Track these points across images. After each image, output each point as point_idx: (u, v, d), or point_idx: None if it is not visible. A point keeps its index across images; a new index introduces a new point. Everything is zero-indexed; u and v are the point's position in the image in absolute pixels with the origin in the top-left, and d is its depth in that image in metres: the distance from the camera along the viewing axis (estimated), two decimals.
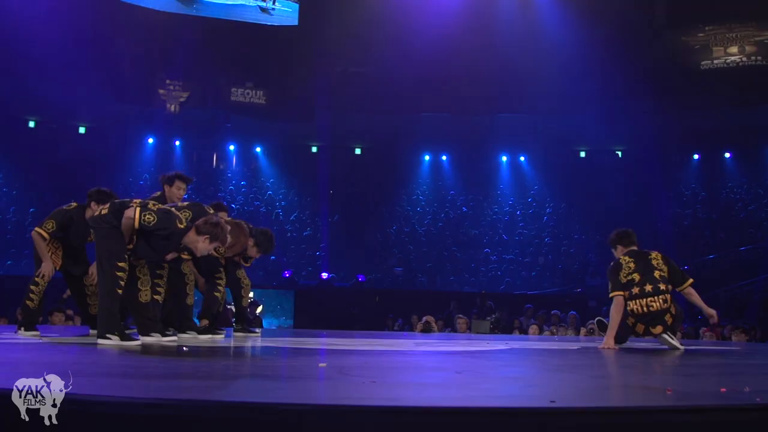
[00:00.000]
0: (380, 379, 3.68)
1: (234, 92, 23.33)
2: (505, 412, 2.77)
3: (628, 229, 7.80)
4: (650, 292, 7.00)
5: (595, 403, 3.11)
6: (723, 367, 5.38)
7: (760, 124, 22.57)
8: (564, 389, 3.59)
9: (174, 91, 22.48)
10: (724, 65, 22.17)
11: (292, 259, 22.12)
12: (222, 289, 7.98)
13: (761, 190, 23.63)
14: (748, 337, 11.35)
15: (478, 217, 24.29)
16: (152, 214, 5.96)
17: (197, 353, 5.52)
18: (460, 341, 8.63)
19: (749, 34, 22.01)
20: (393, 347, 6.90)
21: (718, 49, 22.24)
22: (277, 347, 6.76)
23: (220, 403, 2.79)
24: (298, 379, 3.91)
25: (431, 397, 3.20)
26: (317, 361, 5.18)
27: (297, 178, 25.33)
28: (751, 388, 3.40)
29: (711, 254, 21.02)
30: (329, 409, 2.74)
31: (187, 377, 3.70)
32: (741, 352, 7.61)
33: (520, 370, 4.96)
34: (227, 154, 25.74)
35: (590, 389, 3.65)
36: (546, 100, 22.24)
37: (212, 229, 6.07)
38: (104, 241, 6.00)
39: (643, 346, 7.62)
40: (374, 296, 19.49)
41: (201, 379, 3.66)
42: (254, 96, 23.44)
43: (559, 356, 6.22)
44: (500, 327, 14.12)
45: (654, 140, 23.44)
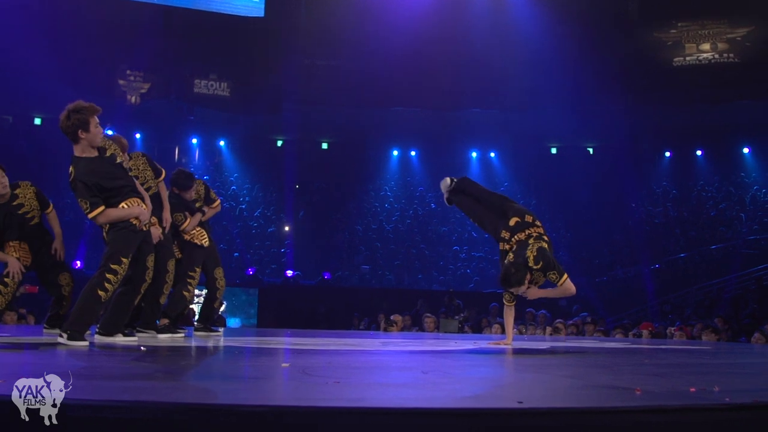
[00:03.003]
0: (344, 380, 3.66)
1: (197, 84, 23.15)
2: (472, 413, 2.77)
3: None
4: None
5: (564, 403, 3.11)
6: (692, 367, 5.43)
7: (732, 121, 22.89)
8: (532, 390, 3.60)
9: (135, 82, 22.26)
10: (696, 62, 22.41)
11: (256, 256, 22.03)
12: (192, 289, 7.93)
13: (732, 188, 23.94)
14: (718, 336, 11.49)
15: (447, 214, 24.34)
16: (81, 203, 5.93)
17: (155, 353, 5.46)
18: (427, 340, 8.65)
19: (721, 31, 22.27)
20: (358, 347, 6.88)
21: (691, 46, 22.48)
22: (240, 347, 6.71)
23: (177, 406, 2.75)
24: (259, 379, 3.87)
25: (396, 398, 3.19)
26: (280, 361, 5.15)
27: (262, 172, 25.23)
28: (721, 388, 3.43)
29: (682, 253, 21.28)
30: (291, 410, 2.72)
31: (143, 378, 3.65)
32: (711, 351, 7.69)
33: (487, 371, 4.97)
34: (190, 148, 25.55)
35: (559, 389, 3.66)
36: (517, 96, 22.34)
37: (70, 118, 5.92)
38: (110, 240, 6.04)
39: (612, 346, 7.67)
40: (340, 294, 19.48)
41: (158, 380, 3.61)
42: (218, 88, 23.29)
43: (528, 356, 6.24)
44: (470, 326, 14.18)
45: (626, 137, 23.65)
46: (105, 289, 5.81)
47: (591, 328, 13.23)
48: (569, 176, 24.17)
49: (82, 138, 5.91)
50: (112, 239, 6.00)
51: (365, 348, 6.83)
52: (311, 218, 23.79)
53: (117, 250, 5.94)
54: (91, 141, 5.96)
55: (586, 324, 13.53)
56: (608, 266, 21.64)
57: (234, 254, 21.51)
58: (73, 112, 5.86)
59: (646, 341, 10.77)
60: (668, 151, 25.19)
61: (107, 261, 5.89)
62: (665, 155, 25.27)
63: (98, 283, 5.81)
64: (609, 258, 22.03)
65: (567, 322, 13.58)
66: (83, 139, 5.91)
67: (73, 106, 5.89)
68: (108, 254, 5.94)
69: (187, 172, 8.23)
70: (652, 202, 24.37)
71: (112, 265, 5.84)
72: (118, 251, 5.93)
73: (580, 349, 7.55)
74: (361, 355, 6.08)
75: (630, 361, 5.91)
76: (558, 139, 25.32)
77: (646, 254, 20.88)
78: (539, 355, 6.45)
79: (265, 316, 18.83)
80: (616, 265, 21.52)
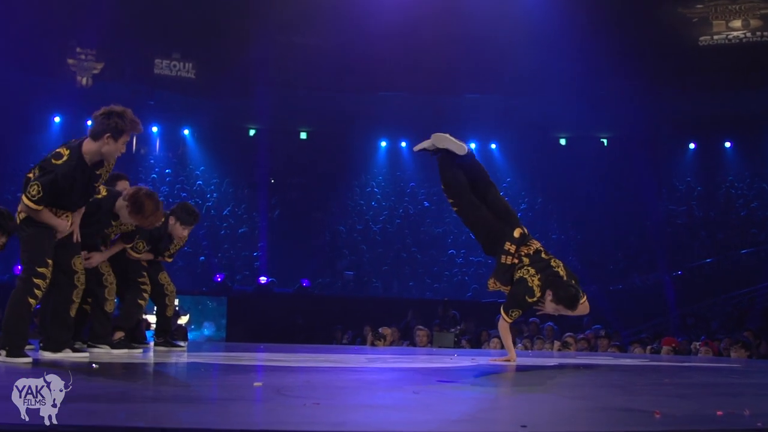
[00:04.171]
0: (325, 401, 3.66)
1: (158, 64, 23.10)
2: None
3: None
4: None
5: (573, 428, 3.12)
6: (719, 387, 5.45)
7: (766, 109, 22.89)
8: (537, 412, 3.61)
9: (86, 61, 22.17)
10: (725, 41, 22.45)
11: (225, 261, 21.99)
12: (147, 296, 7.92)
13: (766, 185, 23.98)
14: (748, 353, 11.52)
15: (441, 213, 24.33)
16: (33, 185, 5.89)
17: (109, 371, 5.45)
18: (419, 356, 8.65)
19: (754, 6, 22.31)
20: (341, 363, 6.91)
21: (719, 23, 22.51)
22: (206, 363, 6.70)
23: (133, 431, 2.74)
24: (228, 401, 3.88)
25: (383, 421, 3.20)
26: (252, 380, 5.15)
27: (232, 165, 25.18)
28: (752, 411, 3.45)
29: (707, 258, 21.33)
30: None
31: (93, 400, 3.64)
32: (741, 369, 7.73)
33: (487, 391, 4.97)
34: (149, 137, 25.46)
35: (567, 412, 3.67)
36: (521, 79, 22.35)
37: (106, 121, 5.95)
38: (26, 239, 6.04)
39: (628, 363, 7.69)
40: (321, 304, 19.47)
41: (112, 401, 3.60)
42: (182, 69, 23.23)
43: (533, 374, 6.25)
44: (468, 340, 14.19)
45: (644, 127, 23.70)
46: (35, 296, 5.90)
47: (604, 342, 13.26)
48: (580, 170, 24.22)
49: (104, 143, 5.97)
50: (29, 238, 6.05)
51: (348, 365, 6.84)
52: (288, 218, 23.75)
53: (38, 251, 5.99)
54: (107, 152, 6.05)
55: (599, 338, 13.55)
56: (624, 273, 21.68)
57: (200, 258, 21.45)
58: (116, 114, 5.96)
59: (666, 358, 10.81)
60: (692, 143, 25.25)
61: (31, 265, 5.94)
62: (689, 147, 25.34)
63: (27, 290, 5.88)
64: (624, 263, 22.07)
65: (577, 336, 13.61)
66: (103, 144, 5.98)
67: (120, 109, 6.01)
68: (29, 258, 5.99)
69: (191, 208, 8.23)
70: (673, 201, 24.44)
71: (38, 269, 5.90)
72: (40, 252, 5.99)
73: (592, 366, 7.57)
74: (344, 372, 6.09)
75: (648, 381, 5.93)
76: (567, 129, 25.37)
77: (667, 259, 20.93)
78: (546, 372, 6.46)
79: (234, 328, 18.79)
80: (632, 272, 21.56)
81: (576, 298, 6.93)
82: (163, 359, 6.93)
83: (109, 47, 22.40)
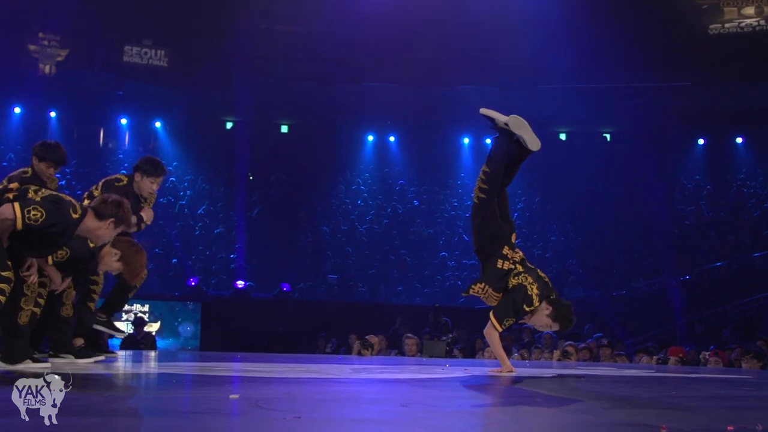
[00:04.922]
0: (306, 415, 3.66)
1: (128, 51, 23.05)
2: None
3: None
4: None
5: None
6: (730, 400, 5.46)
7: None
8: (534, 427, 3.60)
9: (49, 47, 22.10)
10: (737, 29, 22.48)
11: (199, 264, 21.96)
12: (96, 297, 7.86)
13: None
14: (761, 363, 11.55)
15: (433, 213, 24.38)
16: (38, 208, 5.77)
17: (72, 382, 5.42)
18: (408, 367, 8.65)
19: None
20: (324, 374, 6.91)
21: (731, 10, 22.54)
22: (178, 374, 6.69)
23: None
24: (202, 414, 3.87)
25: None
26: (228, 392, 5.14)
27: (207, 161, 25.17)
28: (764, 426, 3.45)
29: (717, 261, 21.39)
30: None
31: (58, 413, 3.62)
32: (753, 381, 7.75)
33: (480, 403, 4.97)
34: (118, 130, 25.44)
35: (567, 427, 3.67)
36: (518, 70, 22.39)
37: (115, 210, 6.02)
38: None
39: (633, 374, 7.70)
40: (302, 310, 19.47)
41: (75, 415, 3.58)
42: (153, 57, 23.19)
43: (530, 385, 6.25)
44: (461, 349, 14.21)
45: (649, 121, 23.76)
46: None
47: (607, 352, 13.28)
48: (581, 167, 24.28)
49: (100, 226, 6.08)
50: None
51: (332, 376, 6.84)
52: (267, 217, 23.74)
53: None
54: (98, 236, 6.22)
55: (601, 347, 13.58)
56: (627, 277, 21.73)
57: (172, 261, 21.42)
58: (116, 205, 6.12)
59: (673, 369, 10.83)
60: (701, 138, 25.34)
61: None
62: (698, 143, 25.43)
63: None
64: (628, 267, 22.12)
65: (578, 345, 13.63)
66: (98, 227, 6.09)
67: (123, 202, 6.22)
68: None
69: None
70: (681, 200, 24.52)
71: (2, 272, 5.82)
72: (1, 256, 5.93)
73: (594, 377, 7.58)
74: (327, 384, 6.10)
75: (654, 393, 5.95)
76: (568, 123, 25.42)
77: (674, 263, 20.99)
78: (544, 384, 6.47)
79: (209, 336, 18.78)
80: (636, 276, 21.61)
81: (572, 319, 7.03)
82: (131, 370, 6.90)
83: (74, 32, 22.33)
